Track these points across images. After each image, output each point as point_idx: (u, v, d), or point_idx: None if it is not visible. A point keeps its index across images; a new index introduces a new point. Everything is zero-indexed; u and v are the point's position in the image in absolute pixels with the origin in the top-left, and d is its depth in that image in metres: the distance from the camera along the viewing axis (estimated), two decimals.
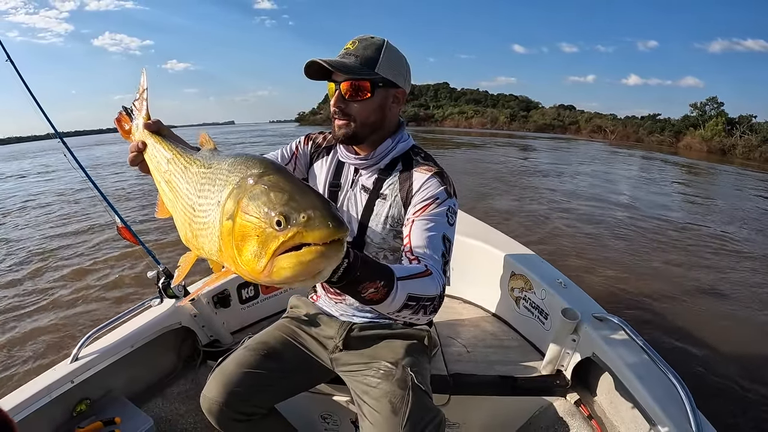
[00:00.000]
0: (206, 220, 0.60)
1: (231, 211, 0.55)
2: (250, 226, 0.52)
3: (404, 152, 1.13)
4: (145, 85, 0.89)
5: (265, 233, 0.50)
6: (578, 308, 1.42)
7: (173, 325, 1.51)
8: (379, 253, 1.13)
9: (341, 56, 1.01)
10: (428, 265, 0.88)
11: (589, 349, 1.35)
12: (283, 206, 0.50)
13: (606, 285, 3.77)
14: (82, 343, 1.30)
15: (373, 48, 1.02)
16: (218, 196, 0.58)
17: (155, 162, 0.80)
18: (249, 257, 0.52)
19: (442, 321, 1.84)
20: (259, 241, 0.51)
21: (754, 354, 2.69)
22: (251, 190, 0.54)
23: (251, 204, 0.52)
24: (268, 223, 0.50)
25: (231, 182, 0.57)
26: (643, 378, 1.14)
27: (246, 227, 0.52)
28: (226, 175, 0.59)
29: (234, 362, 1.12)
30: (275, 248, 0.50)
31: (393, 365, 1.10)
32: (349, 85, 1.01)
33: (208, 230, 0.60)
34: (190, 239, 0.66)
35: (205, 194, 0.62)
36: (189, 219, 0.65)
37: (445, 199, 1.02)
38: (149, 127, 0.84)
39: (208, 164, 0.65)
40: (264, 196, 0.52)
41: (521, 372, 1.50)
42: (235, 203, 0.54)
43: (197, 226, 0.63)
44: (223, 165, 0.61)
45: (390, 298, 0.75)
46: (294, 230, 0.49)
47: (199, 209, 0.63)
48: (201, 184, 0.64)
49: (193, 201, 0.64)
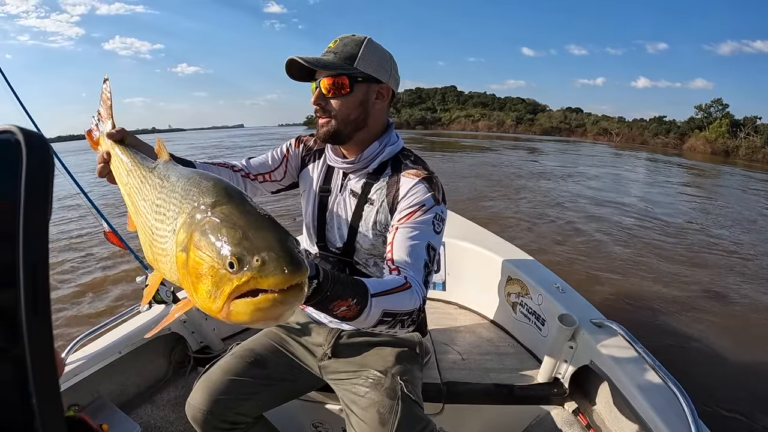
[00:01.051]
0: (164, 246, 0.56)
1: (183, 243, 0.50)
2: (204, 264, 0.47)
3: (393, 155, 1.08)
4: (108, 92, 0.86)
5: (218, 274, 0.46)
6: (576, 314, 1.37)
7: (162, 332, 1.47)
8: (369, 259, 1.10)
9: (322, 55, 0.97)
10: (408, 277, 0.85)
11: (587, 356, 1.30)
12: (235, 246, 0.46)
13: (608, 289, 3.68)
14: (69, 348, 1.28)
15: (353, 44, 0.99)
16: (173, 224, 0.54)
17: (118, 173, 0.75)
18: (204, 295, 0.48)
19: (437, 327, 1.79)
20: (213, 281, 0.47)
21: (760, 363, 2.60)
22: (203, 223, 0.49)
23: (203, 239, 0.48)
24: (221, 263, 0.46)
25: (184, 210, 0.53)
26: (642, 387, 1.10)
27: (199, 264, 0.48)
28: (180, 200, 0.54)
29: (220, 370, 1.09)
30: (230, 291, 0.46)
31: (382, 374, 1.06)
32: (329, 82, 0.97)
33: (167, 257, 0.55)
34: (152, 261, 0.61)
35: (161, 218, 0.57)
36: (149, 240, 0.60)
37: (432, 206, 0.97)
38: (112, 136, 0.79)
39: (161, 183, 0.60)
40: (216, 232, 0.48)
41: (517, 380, 1.46)
42: (188, 235, 0.50)
43: (157, 250, 0.58)
44: (177, 186, 0.56)
45: (363, 315, 0.74)
46: (248, 275, 0.45)
47: (157, 233, 0.58)
48: (156, 205, 0.59)
49: (151, 223, 0.59)
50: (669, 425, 0.98)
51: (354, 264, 1.10)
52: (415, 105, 74.38)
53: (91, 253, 4.34)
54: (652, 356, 1.14)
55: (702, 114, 33.50)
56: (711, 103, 33.07)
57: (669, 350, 2.71)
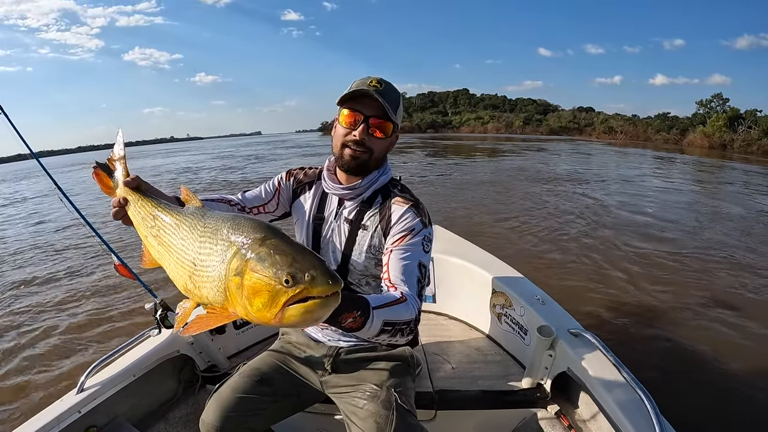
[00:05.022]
0: (211, 274, 0.67)
1: (238, 269, 0.63)
2: (261, 283, 0.61)
3: (384, 185, 1.19)
4: (122, 143, 0.94)
5: (275, 289, 0.60)
6: (555, 324, 1.45)
7: (172, 353, 1.53)
8: (362, 280, 1.19)
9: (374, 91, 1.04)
10: (404, 292, 0.97)
11: (564, 364, 1.37)
12: (289, 267, 0.60)
13: (593, 297, 3.65)
14: (87, 374, 1.32)
15: (395, 94, 1.10)
16: (222, 255, 0.66)
17: (139, 218, 0.84)
18: (260, 307, 0.61)
19: (429, 337, 1.87)
20: (270, 295, 0.60)
21: (726, 369, 2.63)
22: (257, 252, 0.63)
23: (259, 264, 0.61)
24: (277, 281, 0.60)
25: (235, 243, 0.65)
26: (613, 392, 1.17)
27: (257, 284, 0.61)
28: (227, 237, 0.67)
29: (229, 388, 1.16)
30: (285, 301, 0.60)
31: (378, 387, 1.14)
32: (381, 124, 1.09)
33: (213, 283, 0.67)
34: (192, 289, 0.72)
35: (207, 251, 0.68)
36: (189, 272, 0.71)
37: (421, 230, 1.09)
38: (129, 184, 0.87)
39: (203, 223, 0.72)
40: (270, 258, 0.61)
41: (504, 386, 1.54)
42: (243, 262, 0.63)
43: (200, 279, 0.69)
44: (223, 227, 0.69)
45: (367, 326, 0.84)
46: (301, 287, 0.59)
47: (201, 264, 0.69)
48: (200, 242, 0.70)
49: (193, 257, 0.70)
50: (636, 426, 1.06)
51: (348, 285, 1.19)
52: (426, 109, 74.45)
53: (98, 279, 4.42)
54: (622, 364, 1.22)
55: (704, 109, 33.37)
56: (712, 98, 33.01)
57: (643, 356, 2.73)
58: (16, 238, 6.88)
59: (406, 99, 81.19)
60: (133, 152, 56.55)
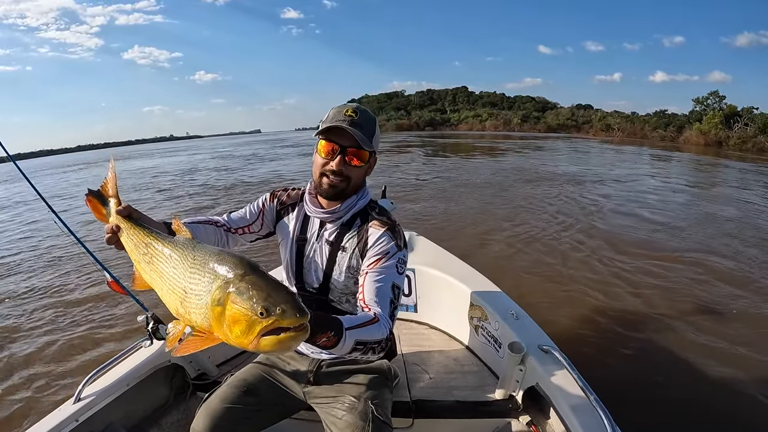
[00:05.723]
0: (199, 302, 0.76)
1: (220, 300, 0.72)
2: (239, 314, 0.70)
3: (362, 208, 1.25)
4: (113, 173, 1.00)
5: (251, 320, 0.69)
6: (526, 340, 1.51)
7: (164, 363, 1.60)
8: (342, 297, 1.26)
9: (349, 123, 1.11)
10: (377, 313, 1.03)
11: (534, 378, 1.44)
12: (264, 301, 0.69)
13: (575, 307, 3.66)
14: (84, 384, 1.38)
15: (371, 123, 1.17)
16: (209, 286, 0.74)
17: (132, 244, 0.91)
18: (238, 334, 0.70)
19: (409, 346, 1.95)
20: (247, 324, 0.69)
21: (693, 384, 2.68)
22: (237, 287, 0.71)
23: (238, 297, 0.70)
24: (253, 312, 0.69)
25: (219, 277, 0.74)
26: (575, 410, 1.24)
27: (236, 314, 0.70)
28: (213, 270, 0.75)
29: (218, 398, 1.23)
30: (259, 330, 0.69)
31: (356, 399, 1.21)
32: (357, 153, 1.15)
33: (201, 310, 0.75)
34: (182, 314, 0.80)
35: (196, 281, 0.77)
36: (180, 298, 0.79)
37: (396, 253, 1.16)
38: (121, 212, 0.93)
39: (192, 255, 0.80)
40: (248, 292, 0.70)
41: (478, 396, 1.60)
42: (224, 294, 0.72)
43: (190, 305, 0.77)
44: (210, 261, 0.77)
45: (340, 345, 0.91)
46: (273, 319, 0.68)
47: (191, 292, 0.77)
48: (190, 272, 0.78)
49: (184, 285, 0.78)
50: None
51: (329, 302, 1.27)
52: (425, 107, 74.30)
53: (89, 291, 4.41)
54: (584, 380, 1.30)
55: (700, 107, 33.34)
56: (708, 96, 32.94)
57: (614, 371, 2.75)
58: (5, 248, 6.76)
59: (405, 97, 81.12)
60: (132, 151, 56.16)
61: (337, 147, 1.14)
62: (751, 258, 4.91)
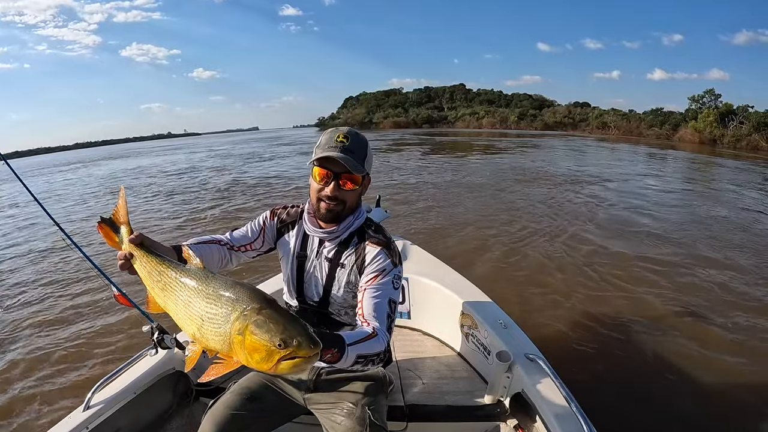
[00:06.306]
0: (217, 329, 0.82)
1: (240, 330, 0.79)
2: (259, 344, 0.77)
3: (359, 227, 1.32)
4: (123, 200, 1.04)
5: (270, 350, 0.76)
6: (513, 349, 1.59)
7: (168, 371, 1.66)
8: (341, 310, 1.34)
9: (340, 149, 1.17)
10: (375, 328, 1.11)
11: (520, 386, 1.52)
12: (281, 334, 0.76)
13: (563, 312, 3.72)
14: (92, 392, 1.44)
15: (363, 146, 1.21)
16: (227, 317, 0.81)
17: (145, 272, 0.96)
18: (258, 360, 0.77)
19: (403, 353, 2.03)
20: (267, 353, 0.77)
21: (676, 392, 2.72)
22: (255, 320, 0.78)
23: (257, 329, 0.77)
24: (272, 344, 0.76)
25: (237, 309, 0.80)
26: (557, 417, 1.31)
27: (255, 343, 0.77)
28: (231, 302, 0.81)
29: (223, 405, 1.30)
30: (278, 359, 0.76)
31: (354, 405, 1.29)
32: (351, 178, 1.20)
33: (220, 337, 0.82)
34: (200, 338, 0.86)
35: (213, 310, 0.82)
36: (198, 325, 0.85)
37: (391, 269, 1.24)
38: (133, 241, 0.98)
39: (206, 285, 0.86)
40: (266, 325, 0.77)
41: (468, 401, 1.68)
42: (243, 326, 0.78)
43: (208, 332, 0.83)
44: (226, 293, 0.83)
45: (343, 360, 0.99)
46: (290, 349, 0.76)
47: (209, 321, 0.83)
48: (206, 303, 0.84)
49: (201, 314, 0.84)
50: None
51: (330, 314, 1.35)
52: (423, 104, 74.08)
53: (97, 301, 4.37)
54: (566, 388, 1.39)
55: (696, 105, 33.33)
56: (704, 94, 32.88)
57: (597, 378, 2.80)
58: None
59: (403, 94, 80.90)
60: (128, 149, 55.97)
61: (330, 173, 1.20)
62: (745, 264, 4.94)
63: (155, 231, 7.13)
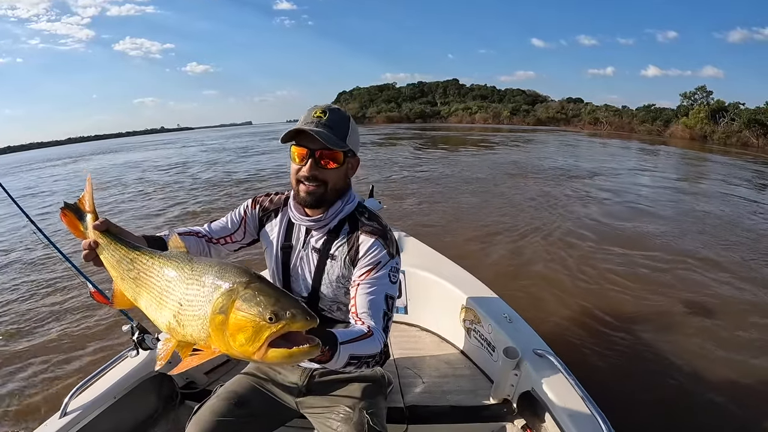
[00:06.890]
0: (196, 313, 0.73)
1: (222, 307, 0.69)
2: (245, 321, 0.67)
3: (350, 213, 1.19)
4: (90, 187, 0.97)
5: (258, 325, 0.66)
6: (521, 344, 1.49)
7: (151, 373, 1.56)
8: (333, 306, 1.23)
9: (316, 124, 1.06)
10: (370, 326, 1.00)
11: (529, 383, 1.42)
12: (273, 306, 0.67)
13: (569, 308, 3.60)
14: (69, 397, 1.34)
15: (343, 121, 1.10)
16: (209, 296, 0.72)
17: (114, 261, 0.88)
18: (242, 342, 0.67)
19: (401, 350, 1.92)
20: (253, 331, 0.67)
21: (688, 388, 2.64)
22: (243, 293, 0.69)
23: (245, 304, 0.68)
24: (261, 318, 0.66)
25: (222, 285, 0.71)
26: (572, 416, 1.23)
27: (240, 321, 0.68)
28: (215, 280, 0.73)
29: (208, 411, 1.19)
30: (267, 336, 0.66)
31: (351, 409, 1.18)
32: (329, 155, 1.07)
33: (198, 321, 0.72)
34: (175, 327, 0.76)
35: (194, 292, 0.74)
36: (174, 312, 0.76)
37: (388, 261, 1.12)
38: (98, 227, 0.90)
39: (190, 267, 0.77)
40: (255, 299, 0.68)
41: (472, 401, 1.58)
42: (228, 302, 0.69)
43: (185, 317, 0.74)
44: (210, 271, 0.74)
45: (334, 359, 0.88)
46: (283, 323, 0.66)
47: (188, 304, 0.74)
48: (187, 284, 0.75)
49: (179, 297, 0.75)
50: None
51: (320, 311, 1.23)
52: (416, 99, 73.68)
53: (71, 299, 4.21)
54: (581, 386, 1.29)
55: (688, 101, 33.33)
56: (695, 90, 32.86)
57: (609, 375, 2.73)
58: None
59: (396, 89, 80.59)
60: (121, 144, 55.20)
61: (307, 150, 1.08)
62: (747, 256, 4.91)
63: (142, 227, 6.93)
